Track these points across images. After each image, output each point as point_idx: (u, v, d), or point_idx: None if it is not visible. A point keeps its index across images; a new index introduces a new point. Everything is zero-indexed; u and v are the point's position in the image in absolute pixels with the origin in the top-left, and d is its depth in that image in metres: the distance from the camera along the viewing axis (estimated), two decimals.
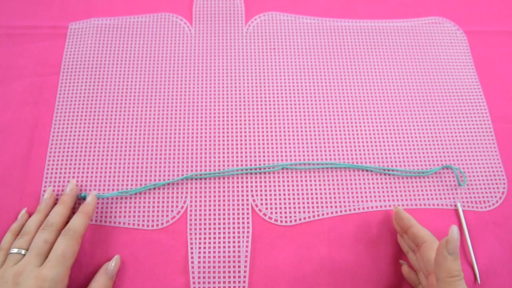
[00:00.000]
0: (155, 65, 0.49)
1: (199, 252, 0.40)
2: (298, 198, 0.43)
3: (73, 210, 0.41)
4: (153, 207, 0.42)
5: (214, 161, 0.44)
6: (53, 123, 0.45)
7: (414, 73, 0.50)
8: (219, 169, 0.44)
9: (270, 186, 0.43)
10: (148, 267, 0.39)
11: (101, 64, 0.48)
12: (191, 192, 0.43)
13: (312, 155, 0.45)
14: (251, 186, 0.43)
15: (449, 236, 0.31)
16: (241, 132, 0.46)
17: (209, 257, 0.40)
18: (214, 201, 0.42)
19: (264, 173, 0.44)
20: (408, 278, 0.39)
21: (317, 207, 0.42)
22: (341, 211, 0.42)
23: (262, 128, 0.46)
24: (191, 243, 0.40)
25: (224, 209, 0.42)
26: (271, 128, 0.46)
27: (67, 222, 0.37)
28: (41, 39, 0.49)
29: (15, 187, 0.42)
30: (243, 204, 0.42)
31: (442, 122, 0.47)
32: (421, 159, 0.45)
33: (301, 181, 0.43)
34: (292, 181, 0.43)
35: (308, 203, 0.42)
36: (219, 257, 0.40)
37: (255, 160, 0.44)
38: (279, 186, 0.43)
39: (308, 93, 0.48)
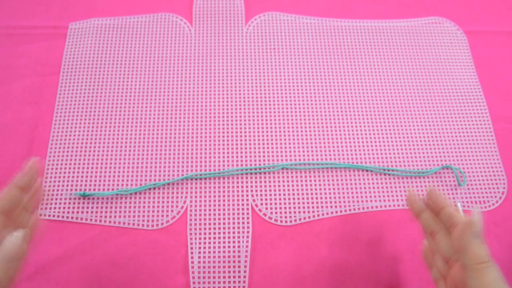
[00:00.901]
0: (155, 65, 0.49)
1: (199, 252, 0.40)
2: (298, 198, 0.43)
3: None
4: (153, 207, 0.42)
5: (214, 161, 0.44)
6: (53, 123, 0.45)
7: (414, 73, 0.50)
8: (219, 169, 0.44)
9: (270, 186, 0.43)
10: (148, 267, 0.39)
11: (101, 64, 0.48)
12: (191, 192, 0.43)
13: (312, 155, 0.45)
14: (251, 186, 0.43)
15: (472, 219, 0.28)
16: (241, 132, 0.46)
17: (209, 257, 0.40)
18: (214, 201, 0.42)
19: (264, 173, 0.44)
20: (426, 257, 0.35)
21: (317, 207, 0.42)
22: (341, 211, 0.42)
23: (262, 128, 0.46)
24: (191, 243, 0.40)
25: (224, 209, 0.42)
26: (271, 128, 0.46)
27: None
28: (41, 39, 0.49)
29: None
30: (243, 204, 0.42)
31: (442, 122, 0.47)
32: (421, 159, 0.45)
33: (301, 181, 0.43)
34: (292, 181, 0.43)
35: (308, 203, 0.42)
36: (219, 257, 0.40)
37: (255, 160, 0.44)
38: (279, 186, 0.43)
39: (308, 93, 0.48)
